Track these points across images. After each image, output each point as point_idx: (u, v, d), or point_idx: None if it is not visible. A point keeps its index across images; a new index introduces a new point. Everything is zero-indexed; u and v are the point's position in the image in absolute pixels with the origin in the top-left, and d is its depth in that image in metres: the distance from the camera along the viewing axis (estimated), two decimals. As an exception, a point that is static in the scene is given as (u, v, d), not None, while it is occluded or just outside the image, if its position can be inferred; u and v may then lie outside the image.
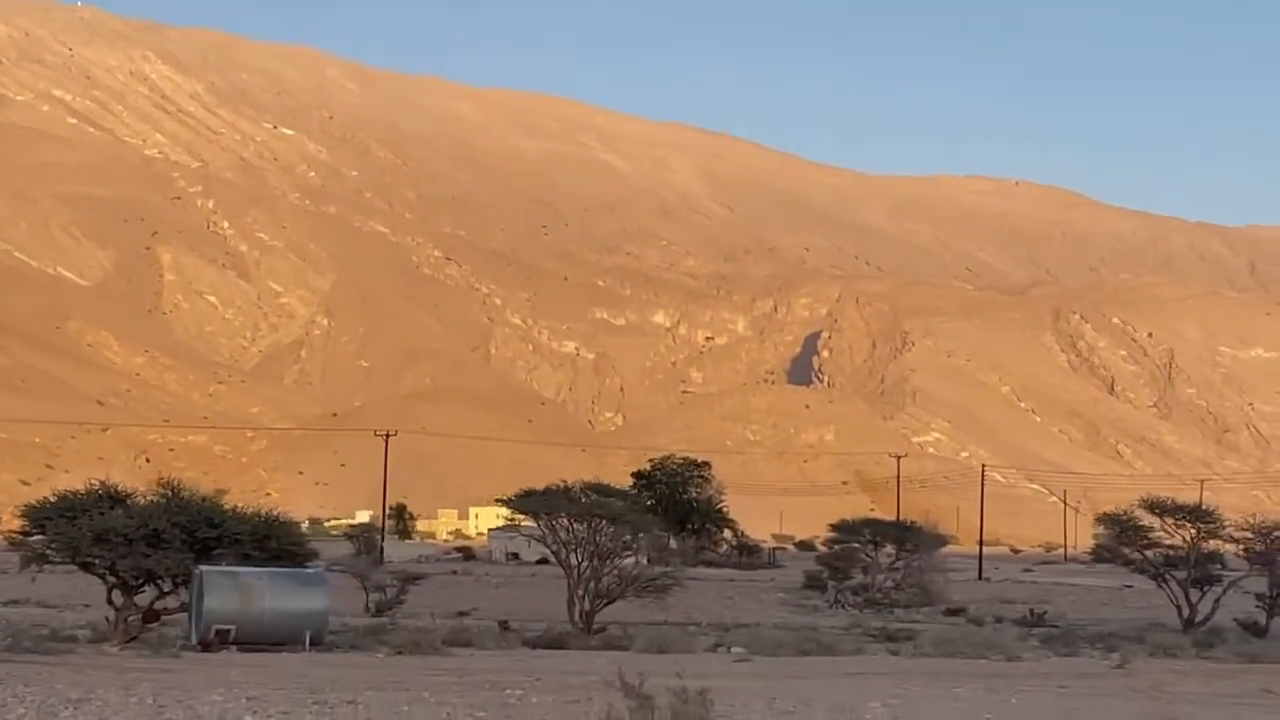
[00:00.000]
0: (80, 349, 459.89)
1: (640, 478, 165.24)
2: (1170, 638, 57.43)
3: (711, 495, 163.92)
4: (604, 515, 56.81)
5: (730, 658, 46.14)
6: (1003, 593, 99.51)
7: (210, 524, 49.13)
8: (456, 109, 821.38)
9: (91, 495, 50.86)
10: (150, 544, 47.81)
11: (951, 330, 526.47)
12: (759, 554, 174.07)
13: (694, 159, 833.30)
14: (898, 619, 71.28)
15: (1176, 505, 68.69)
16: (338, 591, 69.55)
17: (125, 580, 48.66)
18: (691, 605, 76.27)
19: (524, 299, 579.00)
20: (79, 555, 48.94)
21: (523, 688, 32.77)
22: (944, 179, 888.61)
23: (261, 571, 47.30)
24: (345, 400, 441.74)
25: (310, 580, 48.13)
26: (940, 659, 47.41)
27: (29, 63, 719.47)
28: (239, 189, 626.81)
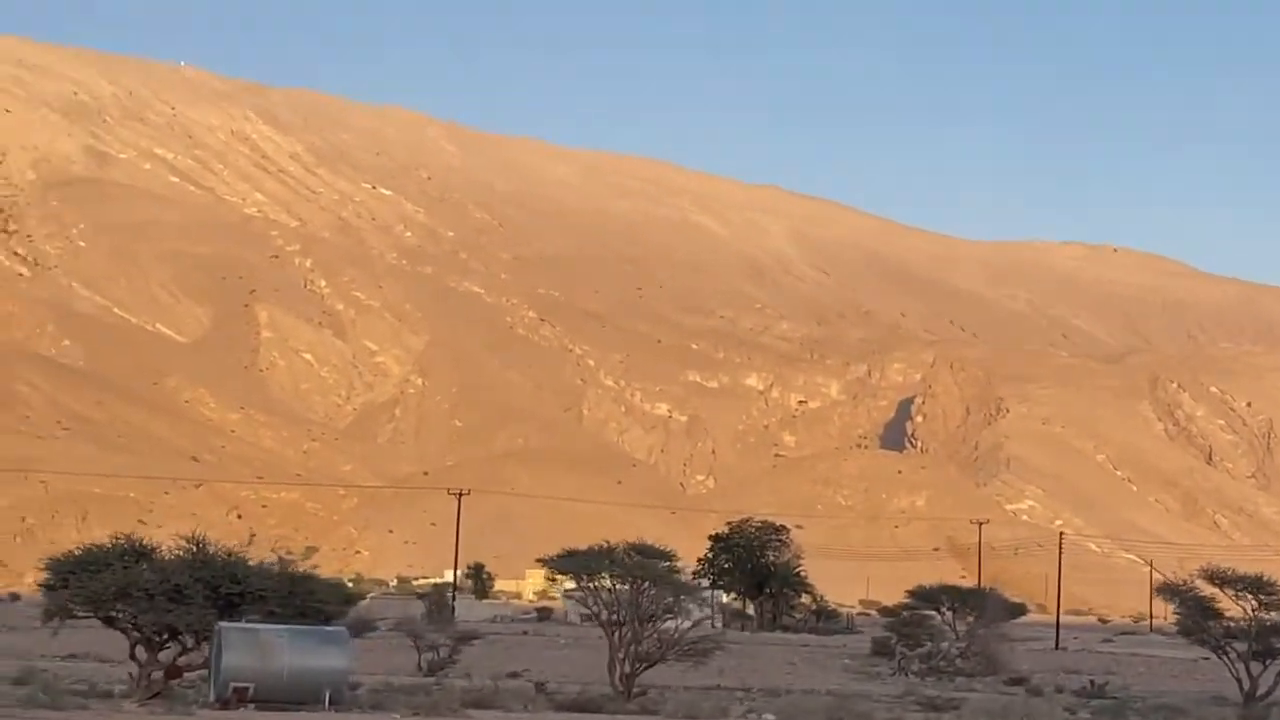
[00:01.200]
0: (177, 405, 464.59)
1: (718, 541, 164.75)
2: (1223, 712, 56.26)
3: (790, 559, 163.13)
4: (646, 576, 56.24)
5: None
6: (1076, 663, 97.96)
7: (234, 580, 48.78)
8: (552, 170, 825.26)
9: (116, 549, 50.65)
10: (173, 599, 47.49)
11: (1047, 397, 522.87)
12: (837, 619, 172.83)
13: (788, 222, 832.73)
14: (956, 688, 70.33)
15: (1236, 575, 67.22)
16: (392, 650, 69.34)
17: (148, 636, 48.42)
18: (751, 670, 75.60)
19: (617, 360, 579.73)
20: (101, 609, 48.73)
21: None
22: (1041, 244, 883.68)
23: (282, 628, 46.78)
24: (438, 459, 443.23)
25: (331, 638, 47.47)
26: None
27: (132, 121, 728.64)
28: (336, 248, 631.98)
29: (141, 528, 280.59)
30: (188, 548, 50.13)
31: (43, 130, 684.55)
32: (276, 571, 51.07)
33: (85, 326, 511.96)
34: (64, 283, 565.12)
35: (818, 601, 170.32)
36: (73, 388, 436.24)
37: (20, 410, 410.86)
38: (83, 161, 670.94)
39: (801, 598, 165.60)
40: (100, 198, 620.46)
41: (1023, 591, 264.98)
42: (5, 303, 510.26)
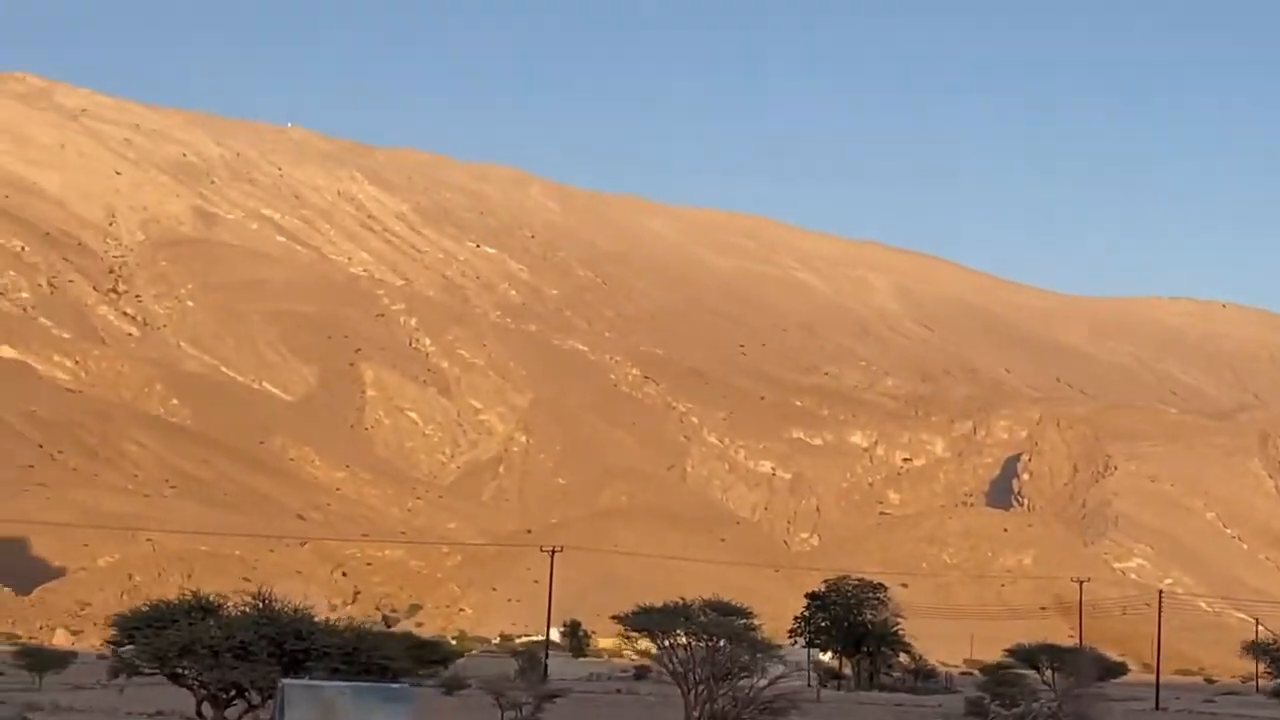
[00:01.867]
0: (283, 464, 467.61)
1: (814, 599, 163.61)
2: None
3: (887, 618, 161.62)
4: (721, 634, 55.36)
5: None
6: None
7: (298, 636, 48.45)
8: (654, 227, 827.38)
9: (183, 605, 50.52)
10: (238, 656, 47.26)
11: (1155, 454, 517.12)
12: (935, 678, 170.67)
13: (891, 278, 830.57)
14: None
15: None
16: (479, 709, 68.87)
17: (213, 693, 48.15)
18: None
19: (720, 418, 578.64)
20: (166, 666, 48.53)
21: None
22: (1148, 300, 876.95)
23: (345, 685, 46.33)
24: (541, 517, 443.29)
25: (395, 695, 46.89)
26: None
27: (240, 182, 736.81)
28: (441, 307, 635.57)
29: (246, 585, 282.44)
30: (253, 604, 49.94)
31: (152, 192, 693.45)
32: (343, 628, 50.58)
33: (193, 385, 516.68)
34: (172, 342, 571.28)
35: (916, 660, 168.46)
36: (180, 446, 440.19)
37: (129, 469, 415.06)
38: (191, 222, 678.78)
39: (899, 656, 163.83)
40: (208, 258, 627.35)
41: (1131, 651, 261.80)
42: (115, 362, 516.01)
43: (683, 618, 55.93)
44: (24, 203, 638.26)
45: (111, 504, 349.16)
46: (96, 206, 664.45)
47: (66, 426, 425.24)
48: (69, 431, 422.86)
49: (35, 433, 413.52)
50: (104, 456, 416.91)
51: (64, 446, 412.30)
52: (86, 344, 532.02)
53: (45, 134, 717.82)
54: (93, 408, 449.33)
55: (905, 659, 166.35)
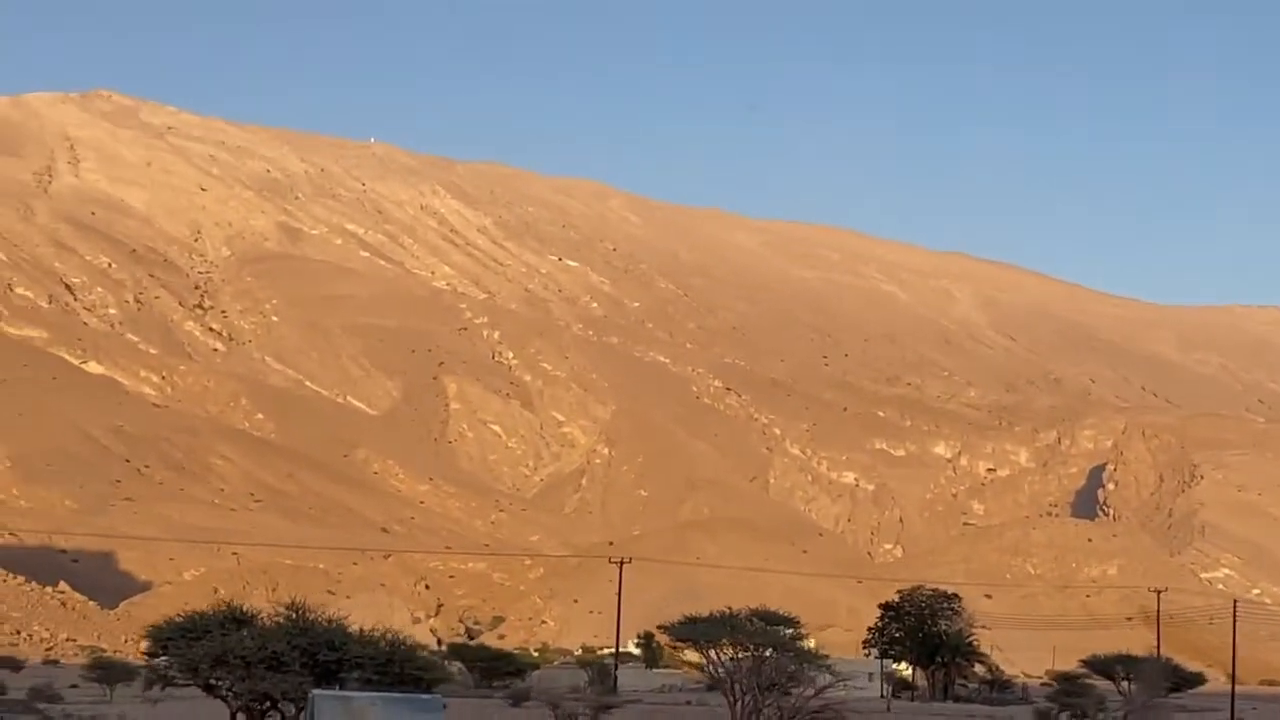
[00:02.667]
0: (367, 477, 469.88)
1: (888, 609, 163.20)
2: None
3: (962, 628, 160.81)
4: (766, 643, 54.91)
5: None
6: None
7: (330, 647, 48.30)
8: (735, 239, 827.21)
9: (216, 616, 50.34)
10: (270, 667, 47.11)
11: (1242, 463, 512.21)
12: (1010, 689, 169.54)
13: (975, 288, 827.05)
14: None
15: None
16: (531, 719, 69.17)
17: (246, 704, 48.03)
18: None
19: (803, 429, 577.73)
20: (199, 677, 48.39)
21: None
22: (1234, 309, 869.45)
23: (375, 696, 46.17)
24: (624, 529, 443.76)
25: (425, 706, 46.68)
26: None
27: (324, 198, 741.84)
28: (523, 320, 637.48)
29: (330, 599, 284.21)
30: (287, 614, 49.75)
31: (237, 208, 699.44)
32: (376, 638, 50.38)
33: (277, 400, 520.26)
34: (257, 357, 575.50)
35: (992, 671, 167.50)
36: (265, 460, 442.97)
37: (215, 483, 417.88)
38: (275, 238, 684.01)
39: (974, 667, 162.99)
40: (292, 273, 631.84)
41: (1217, 661, 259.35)
42: (200, 377, 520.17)
43: (729, 627, 55.57)
44: (111, 220, 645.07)
45: (197, 518, 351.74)
46: (182, 223, 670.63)
47: (153, 441, 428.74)
48: (155, 446, 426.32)
49: (122, 448, 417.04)
50: (190, 471, 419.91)
51: (150, 461, 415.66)
52: (173, 359, 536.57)
53: (131, 152, 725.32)
54: (179, 423, 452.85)
55: (981, 669, 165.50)
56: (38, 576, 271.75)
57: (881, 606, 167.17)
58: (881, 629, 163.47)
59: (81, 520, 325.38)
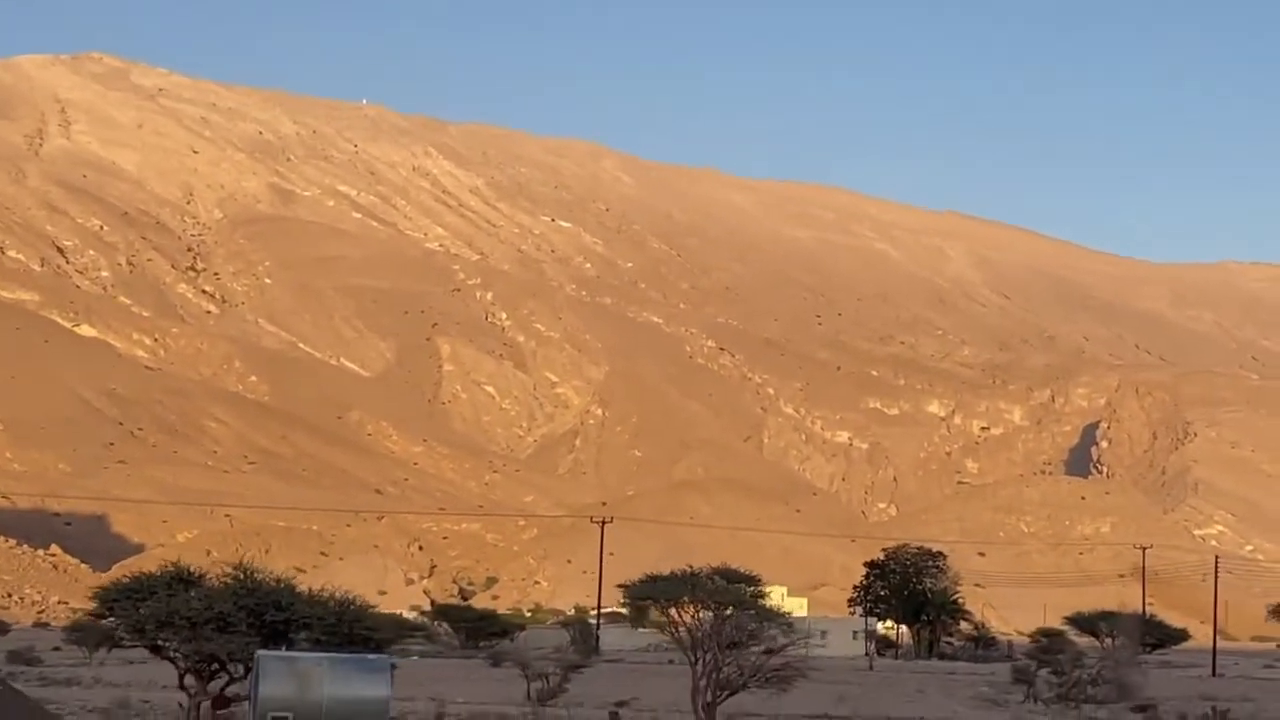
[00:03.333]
0: (361, 438, 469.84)
1: (874, 567, 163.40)
2: None
3: (947, 586, 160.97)
4: (727, 602, 54.50)
5: None
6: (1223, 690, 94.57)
7: (278, 607, 47.66)
8: (729, 200, 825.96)
9: (163, 576, 49.92)
10: (217, 628, 46.43)
11: (1235, 420, 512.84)
12: (995, 646, 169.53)
13: (969, 247, 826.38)
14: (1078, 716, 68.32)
15: None
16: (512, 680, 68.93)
17: (194, 665, 47.60)
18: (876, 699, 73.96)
19: (797, 389, 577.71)
20: (145, 638, 47.99)
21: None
22: (1227, 265, 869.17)
23: (321, 657, 45.58)
24: (618, 489, 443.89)
25: (372, 667, 46.09)
26: None
27: (316, 159, 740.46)
28: (516, 281, 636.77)
29: (324, 560, 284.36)
30: (234, 574, 49.30)
31: (229, 170, 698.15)
32: (325, 599, 49.74)
33: (271, 362, 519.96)
34: (250, 319, 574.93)
35: (978, 629, 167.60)
36: (258, 423, 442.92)
37: (208, 445, 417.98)
38: (268, 200, 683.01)
39: (960, 624, 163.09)
40: (285, 235, 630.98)
41: (1210, 618, 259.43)
42: (193, 340, 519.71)
43: (689, 586, 55.08)
44: (103, 182, 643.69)
45: (190, 480, 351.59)
46: (174, 185, 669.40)
47: (146, 404, 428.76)
48: (148, 409, 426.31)
49: (115, 410, 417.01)
50: (183, 433, 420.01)
51: (144, 424, 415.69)
52: (165, 322, 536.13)
53: (123, 114, 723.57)
54: (172, 385, 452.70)
55: (966, 627, 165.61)
56: (30, 539, 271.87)
57: (867, 565, 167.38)
58: (867, 587, 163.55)
59: (74, 483, 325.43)
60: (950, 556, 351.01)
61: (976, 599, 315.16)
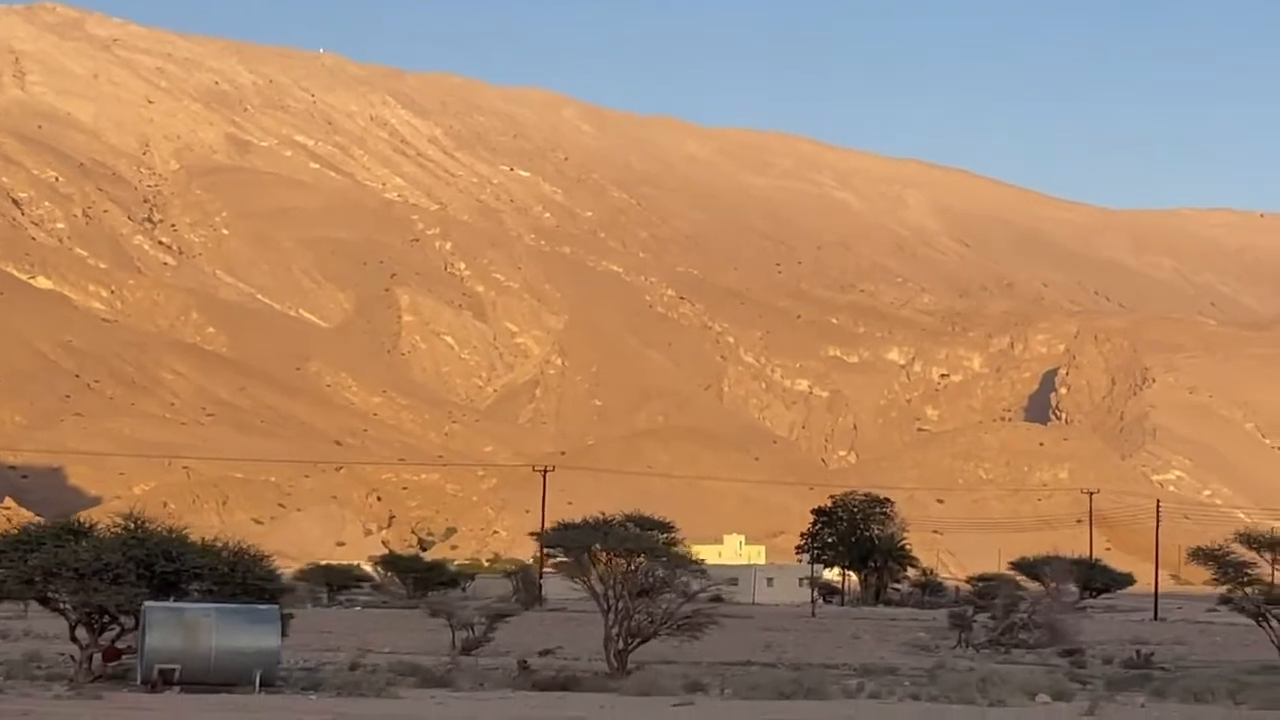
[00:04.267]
0: (319, 390, 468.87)
1: (821, 515, 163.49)
2: (1254, 680, 54.07)
3: (894, 533, 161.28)
4: (637, 549, 54.07)
5: (672, 701, 42.98)
6: (1158, 633, 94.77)
7: (168, 558, 47.06)
8: (689, 149, 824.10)
9: (52, 528, 49.50)
10: (107, 579, 45.87)
11: (1193, 366, 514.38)
12: (943, 592, 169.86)
13: (929, 195, 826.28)
14: (1002, 660, 68.22)
15: (1274, 539, 63.93)
16: (438, 629, 68.46)
17: (83, 617, 47.16)
18: (804, 646, 73.53)
19: (757, 337, 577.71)
20: (33, 590, 47.42)
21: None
22: (1186, 212, 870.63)
23: (209, 607, 45.00)
24: (578, 439, 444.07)
25: (261, 617, 45.35)
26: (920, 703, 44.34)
27: (272, 109, 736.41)
28: (476, 231, 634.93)
29: (281, 512, 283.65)
30: (124, 525, 48.75)
31: (185, 120, 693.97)
32: (219, 548, 49.21)
33: (228, 313, 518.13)
34: (207, 270, 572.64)
35: (926, 574, 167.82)
36: (217, 374, 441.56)
37: (165, 397, 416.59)
38: (224, 150, 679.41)
39: (907, 570, 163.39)
40: (242, 185, 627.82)
41: (1166, 563, 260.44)
42: (150, 291, 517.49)
43: (600, 533, 54.65)
44: (58, 133, 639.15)
45: (148, 433, 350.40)
46: (130, 136, 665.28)
47: (103, 356, 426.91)
48: (105, 361, 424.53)
49: (71, 363, 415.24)
50: (140, 385, 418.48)
51: (100, 376, 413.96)
52: (122, 274, 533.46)
53: (78, 64, 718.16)
54: (129, 337, 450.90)
55: (914, 573, 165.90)
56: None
57: (815, 512, 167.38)
58: (815, 534, 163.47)
59: (30, 436, 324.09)
60: (909, 503, 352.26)
61: (935, 545, 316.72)
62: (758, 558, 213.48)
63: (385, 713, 37.25)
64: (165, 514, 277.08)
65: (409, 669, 50.06)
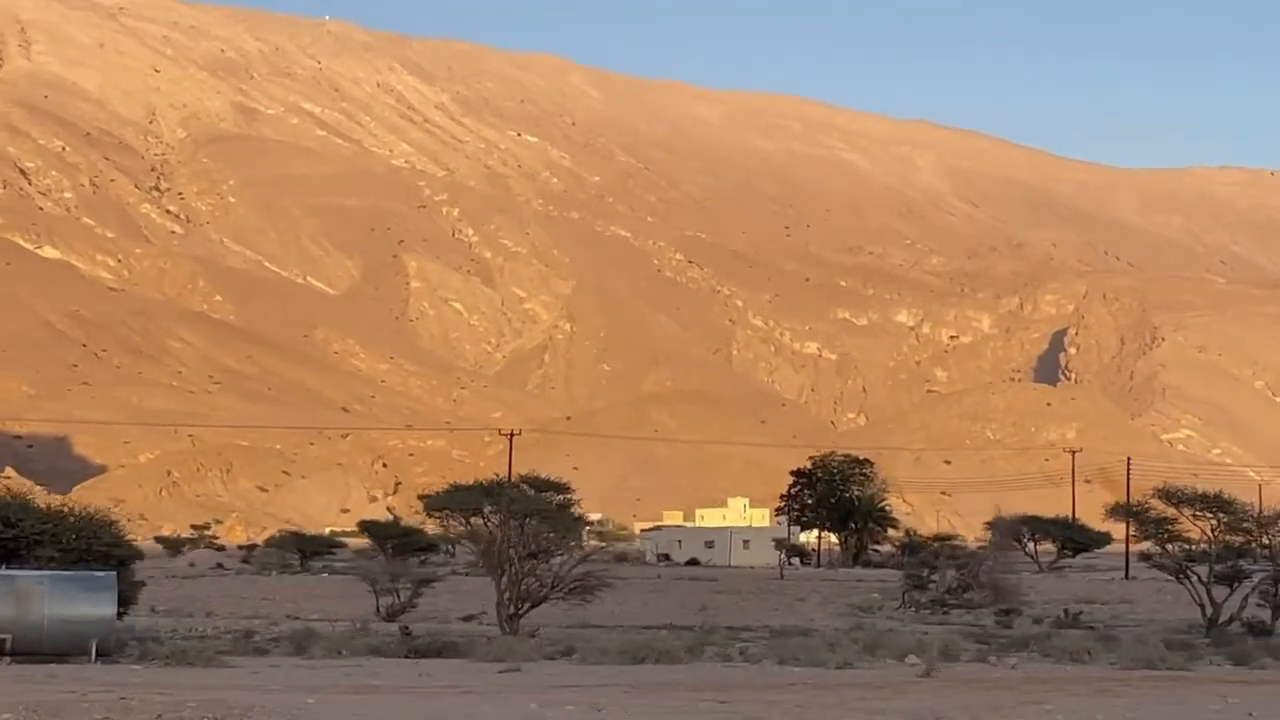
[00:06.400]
0: (327, 357, 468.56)
1: (800, 476, 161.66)
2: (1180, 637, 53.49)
3: (874, 493, 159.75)
4: (527, 511, 52.99)
5: (497, 668, 41.88)
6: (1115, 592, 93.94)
7: (6, 523, 45.81)
8: (697, 112, 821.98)
9: None
10: None
11: (1203, 325, 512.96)
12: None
13: (938, 156, 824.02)
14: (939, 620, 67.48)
15: (1194, 495, 62.79)
16: (359, 595, 67.51)
17: None
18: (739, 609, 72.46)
19: (765, 300, 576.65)
20: None
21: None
22: (1196, 170, 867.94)
23: (42, 575, 43.78)
24: (587, 403, 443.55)
25: (97, 584, 44.16)
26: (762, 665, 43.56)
27: (279, 77, 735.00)
28: (483, 197, 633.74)
29: (286, 479, 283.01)
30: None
31: (192, 89, 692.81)
32: (65, 513, 47.86)
33: (236, 281, 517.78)
34: (215, 239, 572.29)
35: (908, 535, 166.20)
36: (224, 342, 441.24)
37: (173, 366, 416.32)
38: (231, 118, 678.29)
39: (887, 532, 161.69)
40: (249, 153, 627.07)
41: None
42: (158, 260, 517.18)
43: (490, 495, 53.75)
44: (64, 103, 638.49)
45: (155, 401, 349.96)
46: (137, 105, 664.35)
47: (110, 325, 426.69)
48: (112, 330, 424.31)
49: (79, 332, 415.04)
50: (148, 354, 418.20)
51: (108, 345, 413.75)
52: (129, 242, 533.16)
53: (84, 33, 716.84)
54: (136, 306, 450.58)
55: (895, 534, 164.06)
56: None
57: (793, 473, 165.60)
58: (794, 496, 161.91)
59: (37, 405, 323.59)
60: (916, 465, 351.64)
61: (943, 506, 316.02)
62: (762, 521, 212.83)
63: (179, 682, 36.26)
64: (169, 482, 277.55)
65: (302, 635, 48.95)
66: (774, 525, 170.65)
